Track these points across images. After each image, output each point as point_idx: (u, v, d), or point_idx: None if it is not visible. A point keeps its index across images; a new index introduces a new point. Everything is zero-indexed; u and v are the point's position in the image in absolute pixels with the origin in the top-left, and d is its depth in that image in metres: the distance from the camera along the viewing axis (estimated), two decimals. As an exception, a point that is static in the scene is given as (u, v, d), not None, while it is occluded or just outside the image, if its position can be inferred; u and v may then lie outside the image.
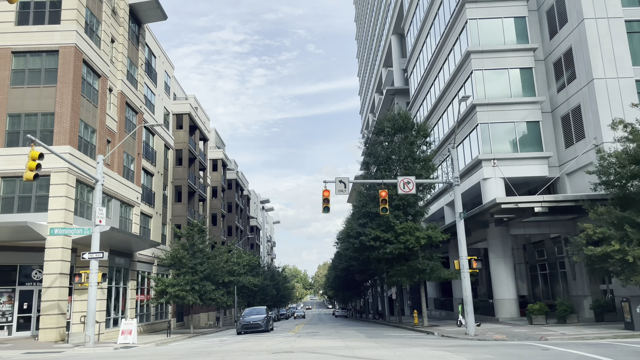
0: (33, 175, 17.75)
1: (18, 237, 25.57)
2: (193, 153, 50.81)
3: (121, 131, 33.05)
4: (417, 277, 28.75)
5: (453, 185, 22.86)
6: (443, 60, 37.25)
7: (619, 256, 19.19)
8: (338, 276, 62.84)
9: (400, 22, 53.08)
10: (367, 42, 79.91)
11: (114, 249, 30.54)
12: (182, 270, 34.68)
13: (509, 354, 12.80)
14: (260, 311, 35.24)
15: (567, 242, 27.76)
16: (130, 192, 33.74)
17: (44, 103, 26.84)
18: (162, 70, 44.66)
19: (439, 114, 39.19)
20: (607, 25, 26.67)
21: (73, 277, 25.04)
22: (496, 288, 29.49)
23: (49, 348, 21.37)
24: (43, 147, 21.54)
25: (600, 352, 12.82)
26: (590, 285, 26.44)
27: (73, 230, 23.38)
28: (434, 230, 28.23)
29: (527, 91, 30.42)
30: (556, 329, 21.25)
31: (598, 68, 26.16)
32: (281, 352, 15.66)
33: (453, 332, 22.75)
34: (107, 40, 32.14)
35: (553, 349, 13.74)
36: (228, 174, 73.78)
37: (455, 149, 23.14)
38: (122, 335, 23.80)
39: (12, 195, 25.97)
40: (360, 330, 29.99)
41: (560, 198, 24.73)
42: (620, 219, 19.82)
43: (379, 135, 31.80)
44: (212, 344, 22.38)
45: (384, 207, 22.09)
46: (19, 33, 27.45)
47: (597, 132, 25.71)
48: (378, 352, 14.72)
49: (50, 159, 24.79)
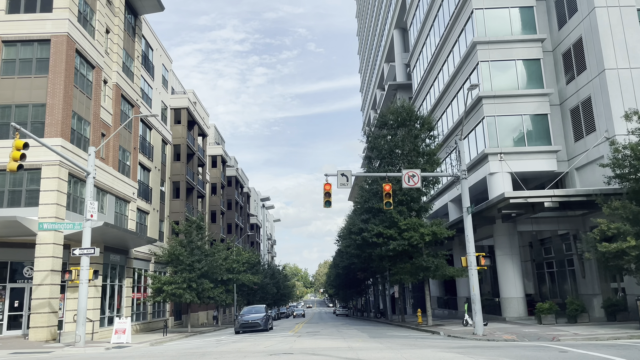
0: (17, 166, 16.81)
1: (8, 233, 24.68)
2: (191, 149, 49.88)
3: (116, 124, 32.11)
4: (421, 275, 27.85)
5: (460, 178, 21.91)
6: (447, 52, 36.29)
7: (635, 253, 18.31)
8: (339, 274, 62.00)
9: (402, 16, 52.12)
10: (368, 38, 78.93)
11: (109, 246, 29.64)
12: (179, 268, 33.77)
13: (526, 357, 11.87)
14: (260, 310, 34.32)
15: (577, 239, 26.86)
16: (126, 188, 32.83)
17: (35, 94, 25.93)
18: (160, 64, 43.70)
19: (443, 107, 38.26)
20: (619, 14, 25.73)
21: (64, 273, 24.14)
22: (503, 286, 28.59)
23: (39, 348, 20.49)
24: (33, 139, 20.59)
25: (623, 354, 11.92)
26: (600, 283, 25.53)
27: (63, 225, 22.46)
28: (439, 226, 27.32)
29: (534, 83, 29.47)
30: (567, 329, 20.32)
31: (610, 58, 25.22)
32: (280, 354, 14.74)
33: (460, 332, 21.83)
34: (102, 31, 31.20)
35: (571, 351, 12.82)
36: (228, 171, 72.84)
37: (462, 140, 22.18)
38: (116, 335, 22.96)
39: (1, 189, 25.07)
40: (363, 329, 29.07)
41: (571, 192, 23.82)
42: (636, 214, 18.89)
43: (382, 128, 30.89)
44: (208, 344, 21.48)
45: (388, 202, 21.17)
46: (10, 21, 26.54)
47: (608, 124, 24.78)
48: (383, 353, 13.80)
49: (41, 152, 23.94)
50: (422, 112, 42.45)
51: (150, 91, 40.54)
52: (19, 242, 25.56)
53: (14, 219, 22.71)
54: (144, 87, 39.09)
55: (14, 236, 25.10)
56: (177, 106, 47.98)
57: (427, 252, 28.20)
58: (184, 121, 48.13)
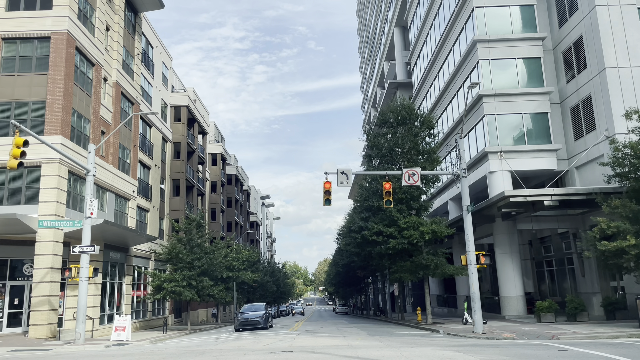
0: (17, 163, 16.80)
1: (8, 230, 24.67)
2: (191, 146, 49.86)
3: (116, 122, 32.09)
4: (421, 273, 27.84)
5: (460, 177, 21.89)
6: (448, 50, 36.24)
7: (634, 251, 18.32)
8: (339, 272, 61.99)
9: (403, 14, 52.05)
10: (369, 36, 78.83)
11: (109, 243, 29.65)
12: (179, 266, 33.78)
13: (525, 355, 11.88)
14: (259, 308, 34.30)
15: (576, 238, 26.86)
16: (126, 185, 32.82)
17: (35, 91, 25.90)
18: (160, 61, 43.65)
19: (443, 106, 38.22)
20: (620, 13, 25.68)
21: (64, 271, 24.14)
22: (502, 285, 28.60)
23: (38, 345, 20.51)
24: (33, 137, 20.57)
25: (623, 352, 11.92)
26: (600, 282, 25.53)
27: (62, 222, 22.46)
28: (439, 224, 27.29)
29: (535, 82, 29.44)
30: (567, 328, 20.33)
31: (610, 57, 25.19)
32: (279, 352, 14.75)
33: (459, 330, 21.85)
34: (102, 28, 31.15)
35: (571, 349, 12.83)
36: (228, 169, 72.81)
37: (462, 139, 22.16)
38: (116, 332, 22.98)
39: (1, 186, 25.06)
40: (362, 327, 29.09)
41: (571, 191, 23.79)
42: (636, 213, 18.89)
43: (382, 126, 30.84)
44: (208, 342, 21.50)
45: (388, 200, 21.14)
46: (10, 19, 26.52)
47: (608, 123, 24.75)
48: (383, 352, 13.81)
49: (41, 150, 23.95)
50: (422, 110, 42.42)
51: (150, 89, 40.49)
52: (19, 239, 25.56)
53: (13, 217, 22.70)
54: (144, 85, 39.06)
55: (14, 234, 25.10)
56: (177, 104, 47.94)
57: (427, 250, 28.19)
58: (184, 119, 48.09)
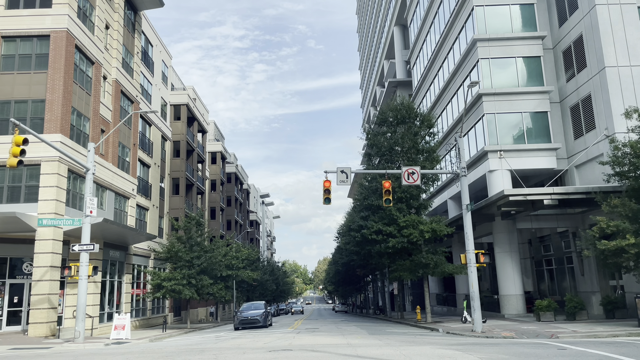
0: (17, 161, 16.78)
1: (7, 229, 24.65)
2: (191, 145, 49.82)
3: (116, 120, 32.06)
4: (420, 272, 27.86)
5: (460, 175, 21.90)
6: (448, 49, 36.23)
7: (634, 250, 18.34)
8: (338, 271, 62.01)
9: (402, 12, 52.02)
10: (368, 35, 78.77)
11: (108, 242, 29.64)
12: (178, 264, 33.78)
13: (524, 354, 11.89)
14: (259, 306, 34.30)
15: (576, 237, 26.87)
16: (125, 184, 32.80)
17: (35, 90, 25.87)
18: (160, 60, 43.60)
19: (442, 105, 38.21)
20: (620, 11, 25.67)
21: (63, 269, 24.14)
22: (502, 283, 28.62)
23: (38, 343, 20.51)
24: (33, 135, 20.56)
25: (622, 351, 11.93)
26: (599, 281, 25.55)
27: (62, 220, 22.44)
28: (439, 223, 27.29)
29: (535, 81, 29.43)
30: (566, 326, 20.36)
31: (610, 56, 25.18)
32: (279, 350, 14.76)
33: (458, 329, 21.87)
34: (102, 26, 31.11)
35: (570, 348, 12.84)
36: (227, 167, 72.78)
37: (462, 137, 22.16)
38: (115, 331, 22.99)
39: (1, 185, 25.03)
40: (362, 326, 29.10)
41: (571, 190, 23.80)
42: (636, 212, 18.91)
43: (381, 125, 30.83)
44: (207, 340, 21.50)
45: (388, 199, 21.15)
46: (9, 17, 26.46)
47: (608, 122, 24.76)
48: (383, 350, 13.82)
49: (41, 148, 23.94)
50: (422, 109, 42.38)
51: (149, 87, 40.46)
52: (19, 237, 25.53)
53: (13, 215, 22.67)
54: (144, 83, 39.02)
55: (14, 232, 25.08)
56: (176, 102, 47.90)
57: (427, 249, 28.21)
58: (184, 117, 48.06)
